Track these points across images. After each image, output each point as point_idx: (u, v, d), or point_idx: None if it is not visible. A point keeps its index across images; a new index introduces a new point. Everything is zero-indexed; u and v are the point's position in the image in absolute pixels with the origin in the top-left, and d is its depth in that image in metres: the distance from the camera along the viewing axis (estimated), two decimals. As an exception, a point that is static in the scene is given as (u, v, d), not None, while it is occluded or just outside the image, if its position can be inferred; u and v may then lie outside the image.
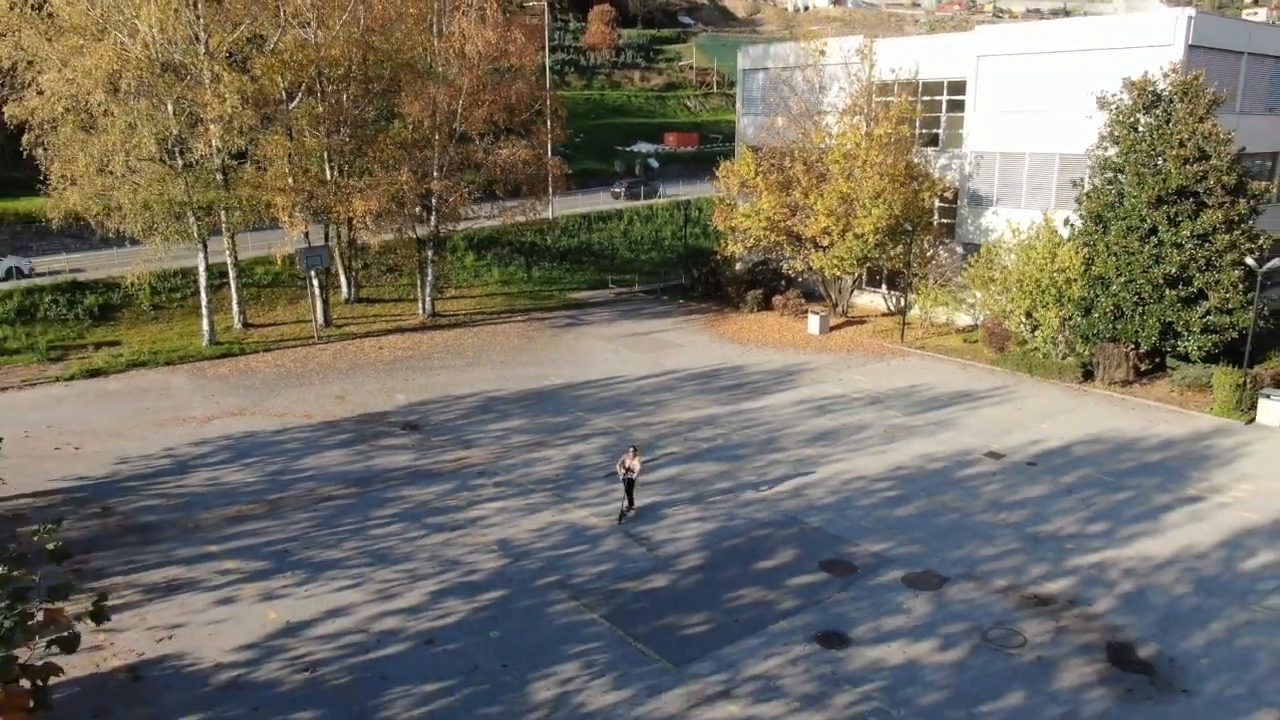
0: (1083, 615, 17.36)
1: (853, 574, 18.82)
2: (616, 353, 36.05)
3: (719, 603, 17.62)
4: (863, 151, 36.47)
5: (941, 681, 15.26)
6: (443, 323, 40.72)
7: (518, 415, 28.74)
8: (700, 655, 15.87)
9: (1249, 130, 36.55)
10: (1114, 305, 29.95)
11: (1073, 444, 26.39)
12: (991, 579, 18.68)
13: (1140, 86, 30.05)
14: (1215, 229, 28.32)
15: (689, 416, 28.50)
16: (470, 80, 35.91)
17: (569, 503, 22.15)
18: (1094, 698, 14.86)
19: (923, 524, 21.13)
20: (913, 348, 36.51)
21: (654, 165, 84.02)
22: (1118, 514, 21.75)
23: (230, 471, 24.17)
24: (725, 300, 44.01)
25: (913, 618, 17.20)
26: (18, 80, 32.29)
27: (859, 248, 36.93)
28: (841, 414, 28.83)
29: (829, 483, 23.44)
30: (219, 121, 30.47)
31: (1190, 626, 16.97)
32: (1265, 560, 19.53)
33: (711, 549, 19.84)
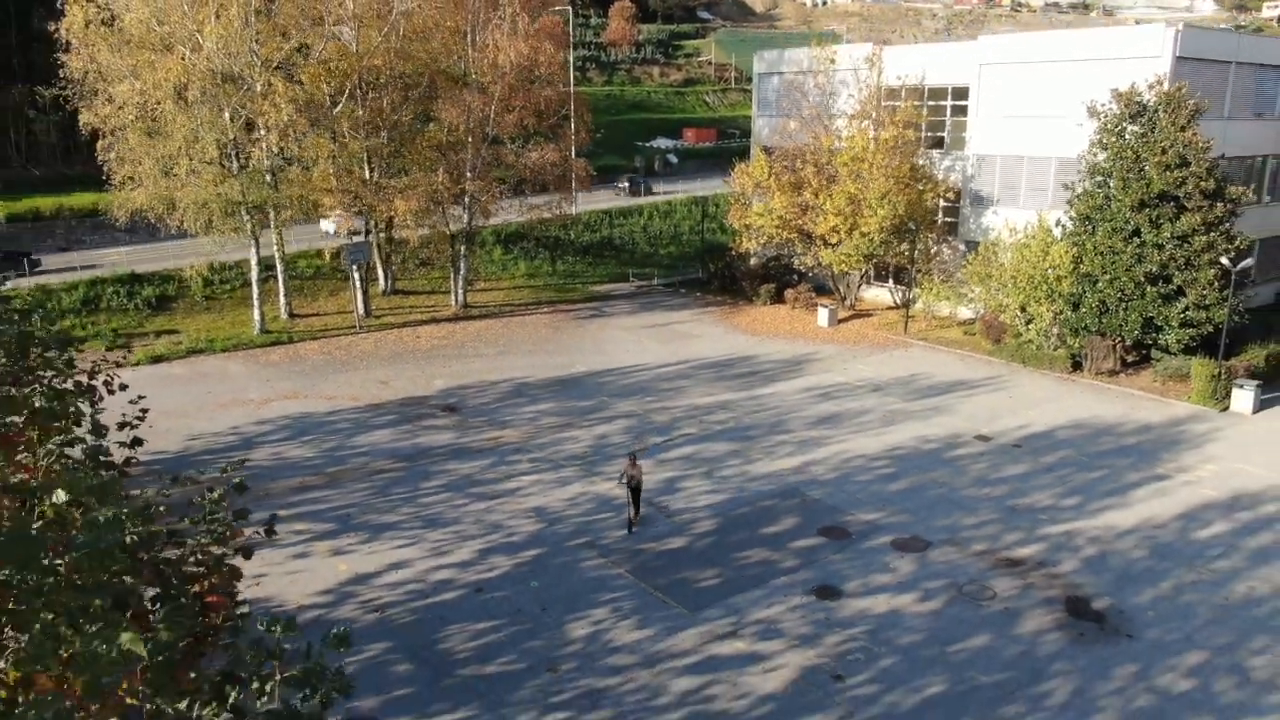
0: (1048, 575, 19.83)
1: (847, 539, 21.35)
2: (637, 342, 38.61)
3: (728, 561, 20.21)
4: (870, 155, 38.81)
5: (919, 626, 17.79)
6: (474, 314, 43.41)
7: (547, 399, 31.37)
8: (712, 603, 18.47)
9: (1237, 134, 38.73)
10: (1100, 301, 32.24)
11: (1057, 428, 28.76)
12: (970, 544, 21.16)
13: (1127, 97, 32.26)
14: (1194, 231, 30.54)
15: (704, 401, 31.05)
16: (502, 87, 38.53)
17: (596, 476, 24.77)
18: (1049, 640, 17.35)
19: (913, 497, 23.62)
20: (915, 339, 38.89)
21: (673, 161, 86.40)
22: (1090, 490, 24.16)
23: (291, 448, 26.94)
24: (740, 294, 46.45)
25: (898, 575, 19.72)
26: (87, 89, 35.16)
27: (865, 245, 39.33)
28: (845, 400, 31.30)
29: (830, 461, 25.95)
30: (275, 129, 33.21)
31: (1141, 585, 19.40)
32: (1217, 530, 21.91)
33: (723, 516, 22.42)
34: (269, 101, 32.90)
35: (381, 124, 39.30)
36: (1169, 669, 16.47)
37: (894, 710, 15.29)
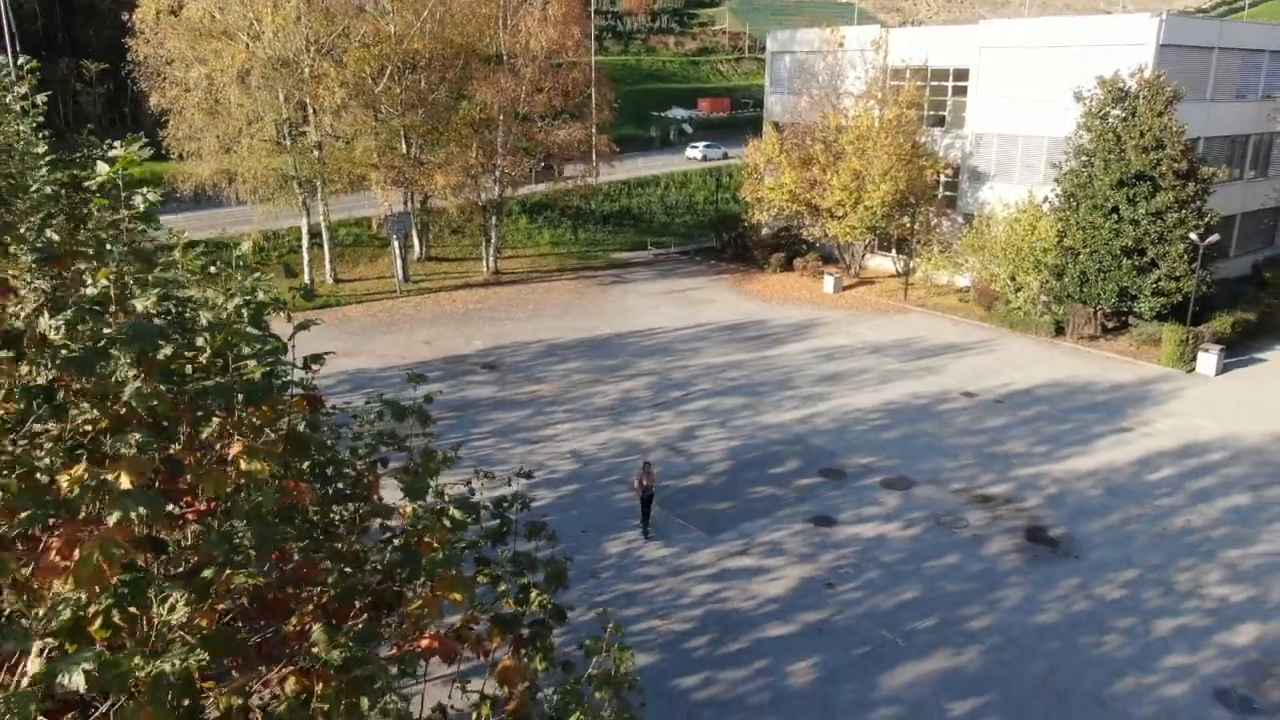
0: (1014, 509, 23.15)
1: (843, 478, 24.71)
2: (656, 307, 41.82)
3: (740, 495, 23.61)
4: (874, 134, 41.69)
5: (900, 548, 21.17)
6: (504, 280, 46.66)
7: (576, 359, 34.68)
8: (725, 528, 21.89)
9: (1220, 116, 41.46)
10: (1081, 272, 35.25)
11: (1036, 387, 31.95)
12: (950, 483, 24.48)
13: (1111, 84, 35.01)
14: (1168, 208, 33.45)
15: (718, 361, 34.31)
16: (533, 70, 41.47)
17: (623, 425, 28.15)
18: (1008, 559, 20.72)
19: (902, 445, 26.92)
20: (914, 305, 42.00)
21: (688, 130, 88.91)
22: (1059, 439, 27.41)
23: (355, 399, 30.32)
24: (752, 262, 49.49)
25: (885, 508, 23.08)
26: (150, 71, 38.29)
27: (869, 218, 42.32)
28: (846, 360, 34.53)
29: (831, 413, 29.25)
30: (328, 110, 36.35)
31: (1093, 517, 22.71)
32: (1166, 474, 25.17)
33: (735, 459, 25.79)
34: (322, 85, 35.99)
35: (419, 103, 42.28)
36: (1106, 582, 19.83)
37: (875, 610, 18.71)
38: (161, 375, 5.25)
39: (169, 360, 5.24)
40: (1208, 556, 20.86)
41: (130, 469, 4.66)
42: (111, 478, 4.60)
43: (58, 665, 3.54)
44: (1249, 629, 18.16)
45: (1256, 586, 19.65)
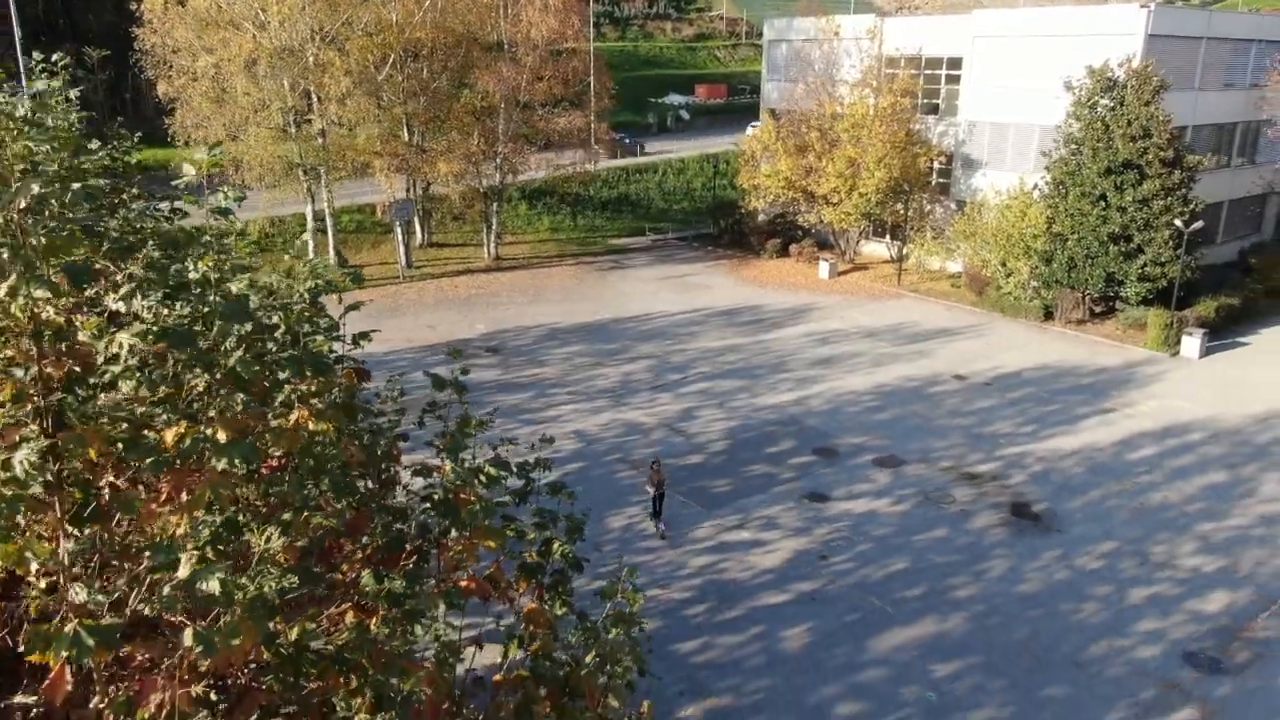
0: (1000, 485, 24.12)
1: (836, 457, 25.64)
2: (655, 293, 42.66)
3: (737, 472, 24.54)
4: (869, 122, 42.46)
5: (891, 522, 22.13)
6: (505, 265, 47.44)
7: (577, 342, 35.54)
8: (723, 504, 22.83)
9: (1208, 104, 42.28)
10: (1069, 258, 36.14)
11: (1025, 370, 32.88)
12: (939, 462, 25.43)
13: (1100, 74, 35.81)
14: (1154, 195, 34.31)
15: (716, 345, 35.20)
16: (534, 59, 42.15)
17: (624, 406, 29.05)
18: (993, 533, 21.69)
19: (894, 425, 27.85)
20: (908, 290, 42.88)
21: (685, 117, 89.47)
22: (1045, 420, 28.37)
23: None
24: (748, 248, 50.29)
25: (876, 485, 24.04)
26: (156, 60, 38.91)
27: (864, 205, 43.15)
28: (840, 344, 35.43)
29: (825, 395, 30.17)
30: (333, 99, 37.04)
31: (1075, 494, 23.68)
32: (1146, 453, 26.13)
33: (733, 439, 26.72)
34: (328, 74, 36.67)
35: (421, 91, 42.95)
36: (1086, 554, 20.81)
37: (866, 580, 19.68)
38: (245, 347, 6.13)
39: (250, 335, 6.11)
40: (1183, 530, 21.85)
41: (226, 426, 5.55)
42: (210, 433, 5.49)
43: (200, 573, 4.43)
44: (1219, 596, 19.16)
45: (1228, 557, 20.64)
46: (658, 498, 21.42)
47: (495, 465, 7.75)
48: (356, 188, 51.55)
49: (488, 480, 7.66)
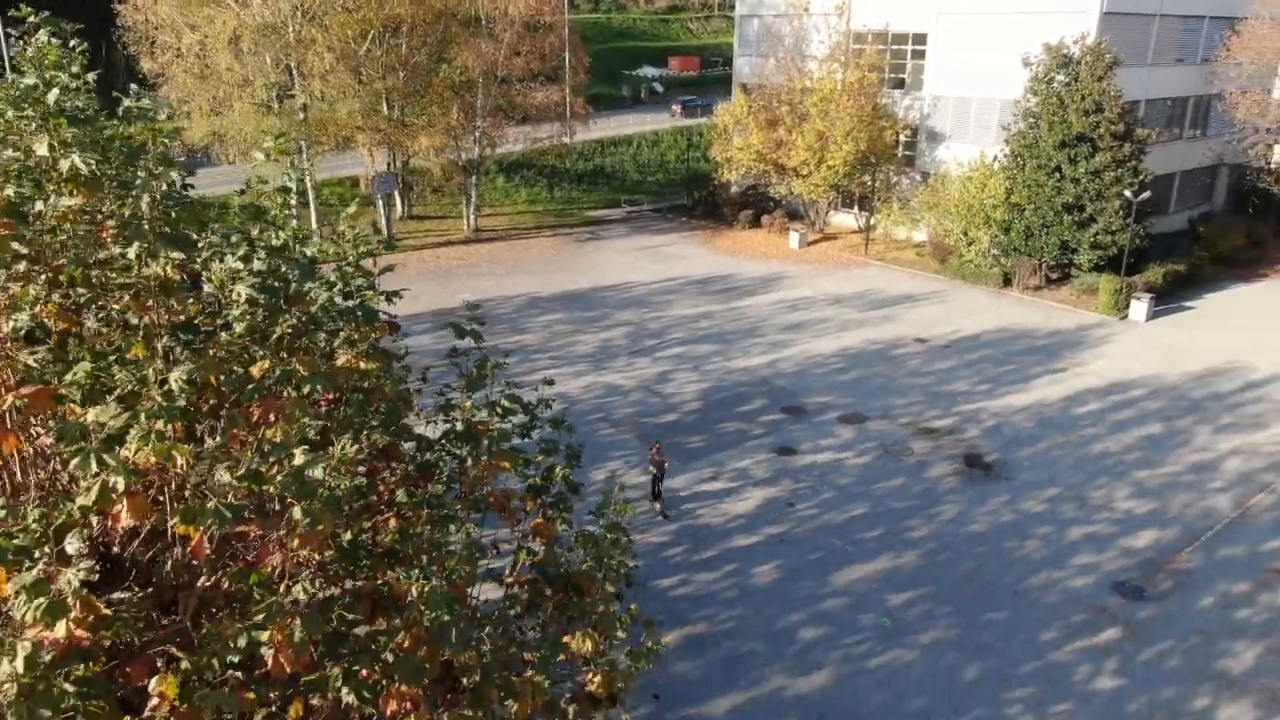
0: (955, 439, 25.94)
1: (804, 415, 27.36)
2: (631, 263, 44.08)
3: (710, 430, 26.20)
4: (837, 96, 43.90)
5: (853, 472, 23.89)
6: (484, 237, 48.63)
7: (557, 311, 36.95)
8: (698, 458, 24.49)
9: (1161, 79, 44.09)
10: (1026, 227, 37.94)
11: (983, 333, 34.71)
12: (899, 418, 27.22)
13: (1056, 50, 37.43)
14: (1105, 167, 36.11)
15: (690, 312, 36.75)
16: (511, 34, 43.15)
17: (604, 370, 30.59)
18: (947, 481, 23.51)
19: (858, 385, 29.60)
20: (874, 259, 44.59)
21: (659, 90, 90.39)
22: (999, 379, 30.22)
23: (350, 349, 32.50)
24: (721, 219, 51.75)
25: (840, 439, 25.78)
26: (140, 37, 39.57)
27: (832, 177, 44.69)
28: (809, 310, 37.10)
29: (794, 358, 31.85)
30: (317, 75, 37.94)
31: (1024, 445, 25.56)
32: (1091, 409, 28.05)
33: (706, 399, 28.35)
34: (311, 51, 37.55)
35: (401, 66, 43.83)
36: (1030, 498, 22.69)
37: (829, 523, 21.44)
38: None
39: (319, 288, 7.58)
40: (1120, 476, 23.78)
41: (304, 362, 7.05)
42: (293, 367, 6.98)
43: (309, 463, 5.92)
44: (1148, 534, 21.10)
45: (1158, 500, 22.60)
46: (657, 478, 21.86)
47: (508, 399, 9.26)
48: (337, 161, 52.40)
49: (502, 411, 9.19)
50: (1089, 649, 17.23)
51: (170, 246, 6.04)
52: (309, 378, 6.83)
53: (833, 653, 17.07)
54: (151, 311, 6.46)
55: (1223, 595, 18.88)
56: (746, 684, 16.27)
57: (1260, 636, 17.62)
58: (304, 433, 6.22)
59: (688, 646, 17.25)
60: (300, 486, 5.93)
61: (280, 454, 5.94)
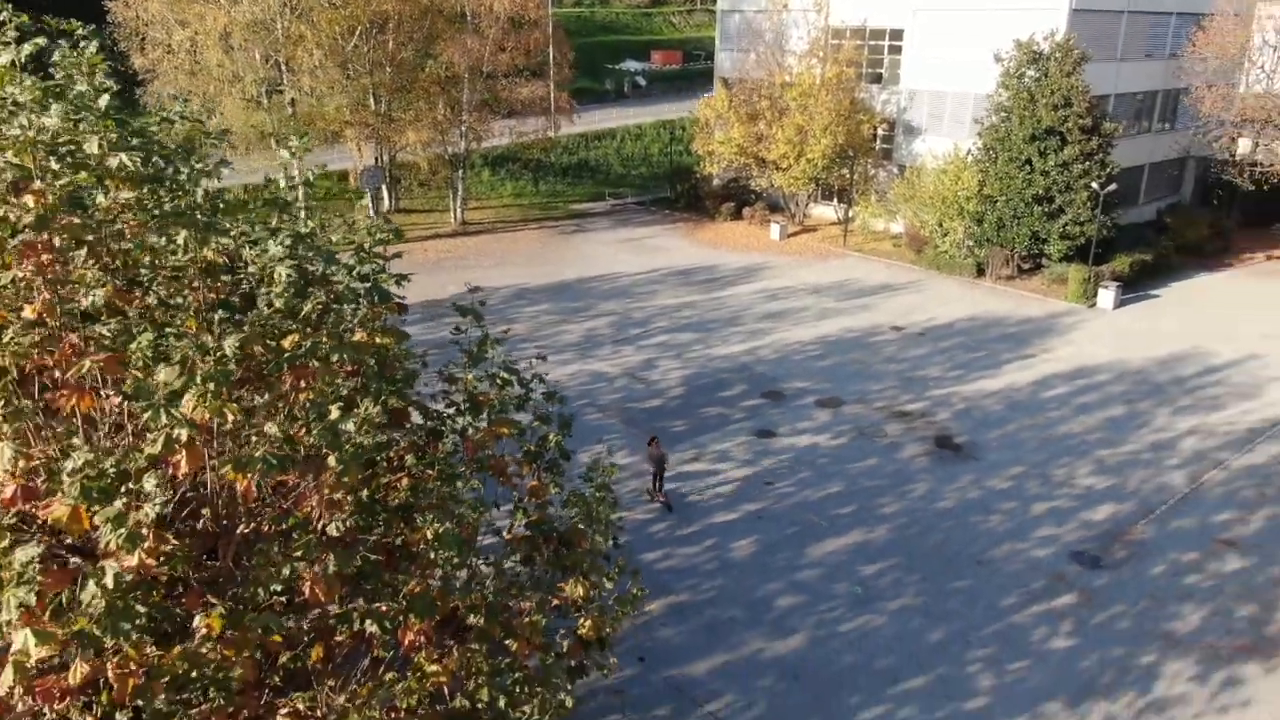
0: (928, 421, 27.09)
1: (783, 399, 28.44)
2: (615, 254, 45.03)
3: (693, 414, 27.25)
4: (816, 91, 44.96)
5: (829, 453, 25.00)
6: (471, 230, 49.46)
7: (543, 301, 37.89)
8: (681, 440, 25.53)
9: (1130, 74, 45.36)
10: (998, 218, 39.15)
11: (956, 321, 35.91)
12: (874, 402, 28.34)
13: (1026, 46, 38.60)
14: (1074, 160, 37.33)
15: (673, 302, 37.77)
16: (496, 30, 43.98)
17: (590, 358, 31.58)
18: (918, 461, 24.65)
19: (835, 371, 30.71)
20: (853, 250, 45.73)
21: (641, 84, 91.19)
22: (971, 365, 31.40)
23: (342, 339, 33.38)
24: (704, 211, 52.76)
25: (817, 422, 26.88)
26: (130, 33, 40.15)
27: (811, 170, 45.78)
28: (789, 300, 38.19)
29: (774, 345, 32.93)
30: (307, 71, 38.68)
31: (993, 428, 26.73)
32: (1058, 392, 29.27)
33: (689, 385, 29.39)
34: (301, 47, 38.28)
35: (387, 62, 44.58)
36: (997, 476, 23.87)
37: (805, 500, 22.54)
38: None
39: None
40: (1082, 455, 25.00)
41: (329, 335, 8.03)
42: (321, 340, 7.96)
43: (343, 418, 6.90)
44: (1106, 509, 22.31)
45: (1118, 477, 23.82)
46: (658, 474, 22.28)
47: (507, 371, 10.26)
48: (325, 156, 53.00)
49: (502, 383, 10.19)
50: (1046, 613, 18.40)
51: (217, 234, 6.99)
52: (336, 348, 7.80)
53: (807, 618, 18.17)
54: (197, 291, 7.42)
55: (1173, 563, 20.10)
56: (726, 647, 17.34)
57: (1205, 600, 18.84)
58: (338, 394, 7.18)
59: (671, 614, 18.31)
60: (334, 439, 6.91)
61: (315, 412, 6.91)
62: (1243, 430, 26.58)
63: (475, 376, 10.48)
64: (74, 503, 6.14)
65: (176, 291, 7.48)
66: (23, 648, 5.72)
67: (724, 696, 16.11)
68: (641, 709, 15.80)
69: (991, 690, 16.28)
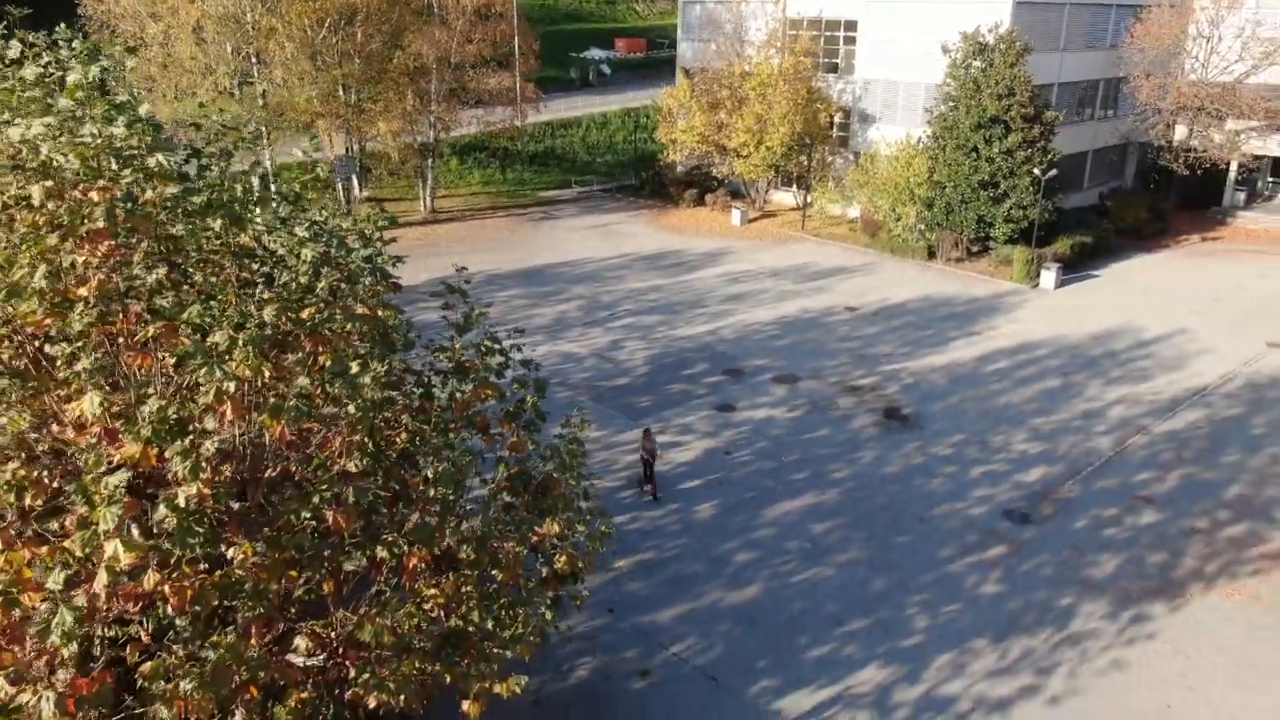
0: (878, 395, 28.90)
1: (742, 376, 30.12)
2: (583, 241, 46.45)
3: (658, 390, 28.85)
4: (774, 81, 46.59)
5: (785, 425, 26.72)
6: (441, 218, 50.63)
7: (514, 287, 39.26)
8: (647, 415, 27.12)
9: (1073, 64, 47.43)
10: (947, 203, 41.07)
11: (908, 301, 37.78)
12: (828, 378, 30.11)
13: (972, 38, 40.45)
14: (1017, 147, 39.29)
15: (640, 286, 39.31)
16: (463, 23, 45.09)
17: (560, 340, 33.06)
18: (868, 431, 26.44)
19: (792, 350, 32.44)
20: (810, 235, 47.51)
21: (606, 71, 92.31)
22: (920, 342, 33.27)
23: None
24: (668, 198, 54.29)
25: (774, 397, 28.59)
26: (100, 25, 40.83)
27: (770, 157, 47.45)
28: (749, 283, 39.87)
29: (734, 326, 34.59)
30: (279, 64, 39.63)
31: (937, 400, 28.60)
32: (1000, 366, 31.22)
33: (654, 364, 30.98)
34: (272, 40, 39.22)
35: (356, 53, 45.53)
36: (939, 443, 25.72)
37: (762, 468, 24.24)
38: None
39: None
40: (1018, 424, 26.93)
41: (343, 310, 9.49)
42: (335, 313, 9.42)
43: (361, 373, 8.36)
44: (1038, 471, 24.23)
45: (1050, 443, 25.77)
46: (648, 464, 22.72)
47: (491, 340, 11.77)
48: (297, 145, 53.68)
49: (485, 350, 11.69)
50: (978, 563, 20.26)
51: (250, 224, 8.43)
52: (349, 318, 9.27)
53: (762, 571, 19.87)
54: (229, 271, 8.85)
55: (1094, 518, 22.05)
56: (689, 598, 19.00)
57: (1121, 550, 20.80)
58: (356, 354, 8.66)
59: (638, 570, 19.93)
60: (354, 390, 8.39)
61: (337, 368, 8.39)
62: (1166, 399, 28.68)
63: (461, 346, 11.95)
64: (145, 442, 7.55)
65: (214, 271, 8.89)
66: (114, 555, 7.12)
67: (687, 640, 17.76)
68: (612, 652, 17.42)
69: (926, 630, 18.09)
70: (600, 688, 16.58)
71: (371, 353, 10.21)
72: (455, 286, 12.04)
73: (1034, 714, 16.01)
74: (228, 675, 8.32)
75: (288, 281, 9.16)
